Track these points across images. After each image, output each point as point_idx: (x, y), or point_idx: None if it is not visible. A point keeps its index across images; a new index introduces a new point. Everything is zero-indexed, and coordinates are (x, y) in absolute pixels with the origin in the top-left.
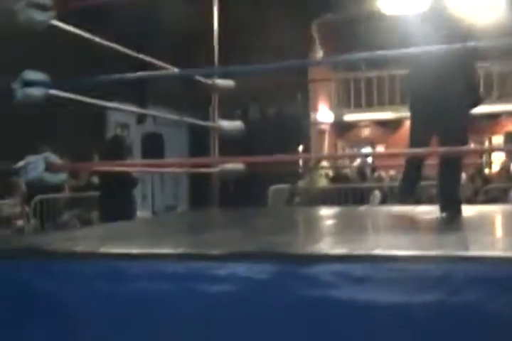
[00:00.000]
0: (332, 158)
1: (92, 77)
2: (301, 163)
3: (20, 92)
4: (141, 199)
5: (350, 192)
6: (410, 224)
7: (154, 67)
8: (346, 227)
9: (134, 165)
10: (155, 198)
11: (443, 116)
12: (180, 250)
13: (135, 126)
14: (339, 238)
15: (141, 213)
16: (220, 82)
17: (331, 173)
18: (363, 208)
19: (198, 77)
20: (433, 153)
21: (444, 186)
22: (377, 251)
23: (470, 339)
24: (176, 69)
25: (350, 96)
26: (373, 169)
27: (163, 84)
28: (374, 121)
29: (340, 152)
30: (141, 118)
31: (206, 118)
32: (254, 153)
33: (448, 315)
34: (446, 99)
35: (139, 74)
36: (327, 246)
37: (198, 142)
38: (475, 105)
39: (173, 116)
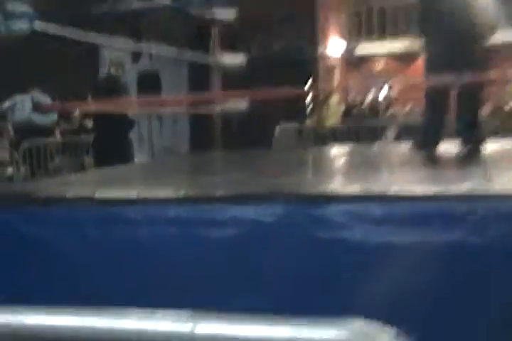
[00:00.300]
0: (342, 89)
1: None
2: (309, 99)
3: (3, 25)
4: (138, 142)
5: (362, 129)
6: (427, 162)
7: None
8: (359, 166)
9: (130, 104)
10: (153, 140)
11: (464, 45)
12: (181, 193)
13: (130, 65)
14: (352, 177)
15: (139, 157)
16: (219, 12)
17: (342, 109)
18: (376, 146)
19: (194, 9)
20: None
21: (463, 119)
22: (394, 189)
23: (494, 276)
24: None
25: (362, 27)
26: (388, 105)
27: (158, 19)
28: (388, 54)
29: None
30: (136, 57)
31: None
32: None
33: (472, 254)
34: (465, 27)
35: (133, 5)
36: (339, 186)
37: (199, 81)
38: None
39: (170, 52)
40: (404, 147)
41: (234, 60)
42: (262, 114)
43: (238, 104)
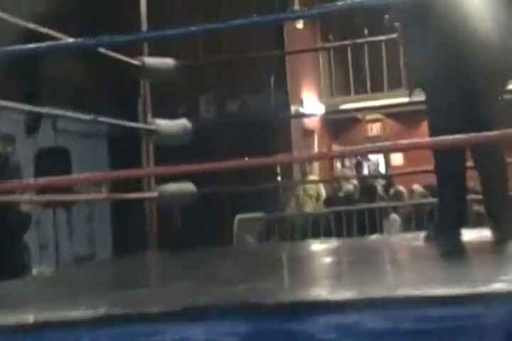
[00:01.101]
0: (322, 181)
1: None
2: (279, 178)
3: None
4: (39, 250)
5: (354, 217)
6: (447, 253)
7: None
8: (353, 266)
9: (24, 190)
10: (60, 246)
11: (474, 101)
12: (100, 311)
13: (24, 139)
14: (342, 280)
15: (39, 269)
16: (153, 61)
17: (323, 192)
18: (373, 238)
19: (116, 55)
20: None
21: (490, 192)
22: (400, 292)
23: None
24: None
25: (349, 76)
26: (387, 184)
27: (67, 74)
28: (385, 113)
29: (336, 163)
30: (32, 127)
31: (134, 119)
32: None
33: None
34: (475, 75)
35: (23, 47)
36: (324, 291)
37: (124, 158)
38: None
39: (82, 117)
40: (414, 236)
41: (172, 125)
42: (217, 199)
43: (182, 185)
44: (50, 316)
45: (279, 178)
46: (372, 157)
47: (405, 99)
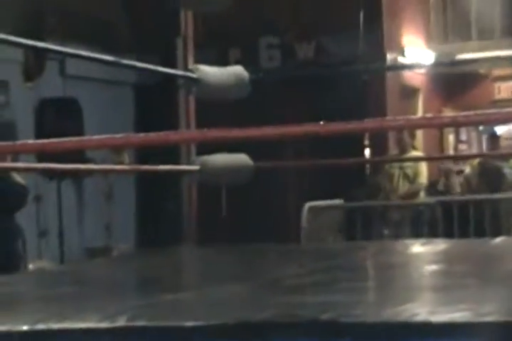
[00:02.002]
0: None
1: None
2: (367, 153)
3: None
4: (37, 239)
5: (471, 210)
6: None
7: None
8: (465, 278)
9: (18, 153)
10: (66, 234)
11: None
12: (118, 322)
13: (21, 86)
14: (449, 297)
15: (38, 264)
16: None
17: (423, 171)
18: (497, 241)
19: None
20: None
21: None
22: None
23: None
24: None
25: (470, 14)
26: None
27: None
28: None
29: (448, 135)
30: (32, 71)
31: (171, 64)
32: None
33: None
34: None
35: None
36: (424, 310)
37: (156, 116)
38: None
39: (100, 58)
40: None
41: (222, 74)
42: (276, 178)
43: (233, 157)
44: (49, 327)
45: (367, 153)
46: (500, 129)
47: None
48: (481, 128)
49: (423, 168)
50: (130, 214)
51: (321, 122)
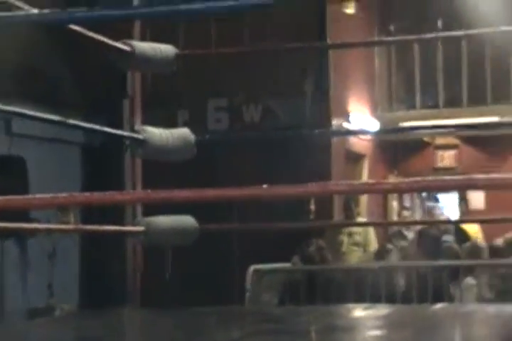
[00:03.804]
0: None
1: None
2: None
3: None
4: None
5: (414, 276)
6: None
7: None
8: None
9: None
10: (6, 294)
11: None
12: None
13: None
14: None
15: None
16: (146, 47)
17: (373, 240)
18: (439, 307)
19: (97, 36)
20: None
21: None
22: None
23: None
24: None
25: (414, 83)
26: (461, 235)
27: (29, 60)
28: (463, 137)
29: (393, 205)
30: None
31: (118, 125)
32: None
33: None
34: None
35: None
36: None
37: (102, 177)
38: None
39: (47, 117)
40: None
41: (168, 136)
42: (221, 240)
43: (178, 219)
44: None
45: (311, 217)
46: (442, 197)
47: (492, 119)
48: (423, 195)
49: (372, 235)
50: (74, 273)
51: (264, 185)
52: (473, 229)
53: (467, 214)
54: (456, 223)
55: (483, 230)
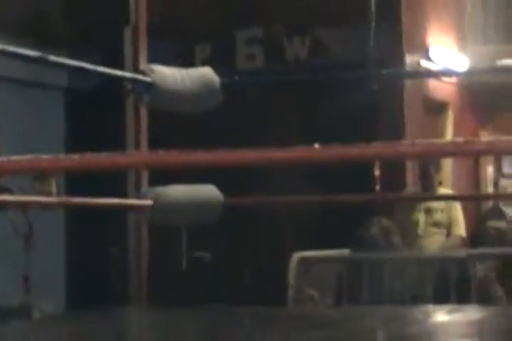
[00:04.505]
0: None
1: None
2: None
3: None
4: None
5: None
6: None
7: None
8: None
9: None
10: None
11: None
12: None
13: None
14: None
15: None
16: None
17: (461, 220)
18: None
19: None
20: None
21: None
22: None
23: None
24: None
25: None
26: None
27: None
28: None
29: (488, 172)
30: None
31: (116, 63)
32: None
33: None
34: None
35: None
36: None
37: (95, 132)
38: None
39: (22, 53)
40: None
41: (186, 79)
42: (254, 217)
43: (198, 190)
44: None
45: (377, 188)
46: None
47: None
48: None
49: (459, 213)
50: (58, 262)
51: (316, 145)
52: None
53: None
54: None
55: None
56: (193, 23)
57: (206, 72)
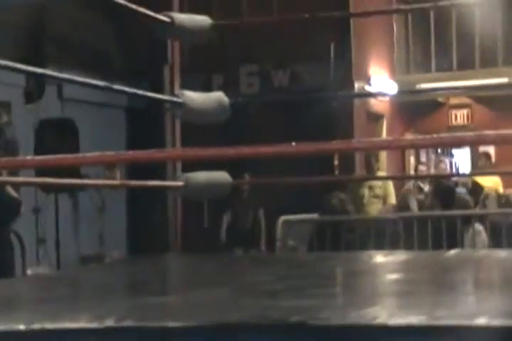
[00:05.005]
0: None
1: None
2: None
3: None
4: (36, 246)
5: (429, 225)
6: None
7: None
8: (423, 285)
9: (19, 169)
10: (62, 242)
11: None
12: (107, 322)
13: (22, 107)
14: (406, 302)
15: (36, 269)
16: (184, 18)
17: (392, 193)
18: (452, 253)
19: (139, 8)
20: None
21: None
22: (481, 321)
23: None
24: None
25: (430, 48)
26: (474, 187)
27: (79, 31)
28: (475, 97)
29: (409, 158)
30: (33, 94)
31: (159, 89)
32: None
33: None
34: None
35: None
36: (384, 314)
37: (145, 136)
38: None
39: (94, 83)
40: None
41: (205, 100)
42: (254, 193)
43: (213, 174)
44: (44, 326)
45: (336, 172)
46: (456, 153)
47: (502, 80)
48: (439, 151)
49: (391, 188)
50: (121, 225)
51: (293, 143)
52: (490, 182)
53: (480, 168)
54: (466, 176)
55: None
56: (212, 61)
57: (219, 96)
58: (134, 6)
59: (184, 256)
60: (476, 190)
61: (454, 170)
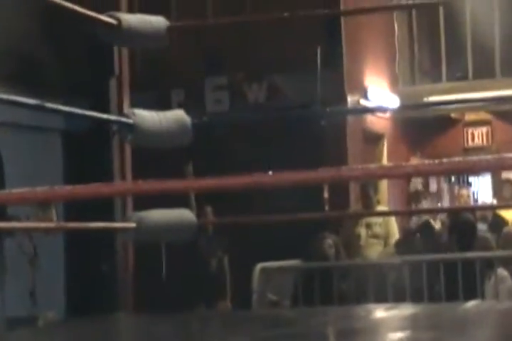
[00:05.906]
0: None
1: None
2: (326, 208)
3: None
4: None
5: (441, 270)
6: None
7: None
8: None
9: None
10: None
11: None
12: None
13: None
14: None
15: None
16: (134, 19)
17: (395, 232)
18: (470, 305)
19: (79, 8)
20: None
21: None
22: None
23: None
24: None
25: (440, 54)
26: (496, 222)
27: (3, 37)
28: (496, 112)
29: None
30: None
31: (104, 108)
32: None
33: None
34: None
35: None
36: None
37: (87, 166)
38: None
39: (22, 101)
40: None
41: (162, 121)
42: (223, 236)
43: (173, 212)
44: None
45: (326, 208)
46: (474, 180)
47: None
48: (453, 179)
49: (394, 226)
50: (58, 278)
51: (270, 172)
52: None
53: (501, 199)
54: (489, 209)
55: None
56: (169, 72)
57: (179, 114)
58: (70, 5)
59: (137, 317)
60: (498, 225)
61: (471, 202)
